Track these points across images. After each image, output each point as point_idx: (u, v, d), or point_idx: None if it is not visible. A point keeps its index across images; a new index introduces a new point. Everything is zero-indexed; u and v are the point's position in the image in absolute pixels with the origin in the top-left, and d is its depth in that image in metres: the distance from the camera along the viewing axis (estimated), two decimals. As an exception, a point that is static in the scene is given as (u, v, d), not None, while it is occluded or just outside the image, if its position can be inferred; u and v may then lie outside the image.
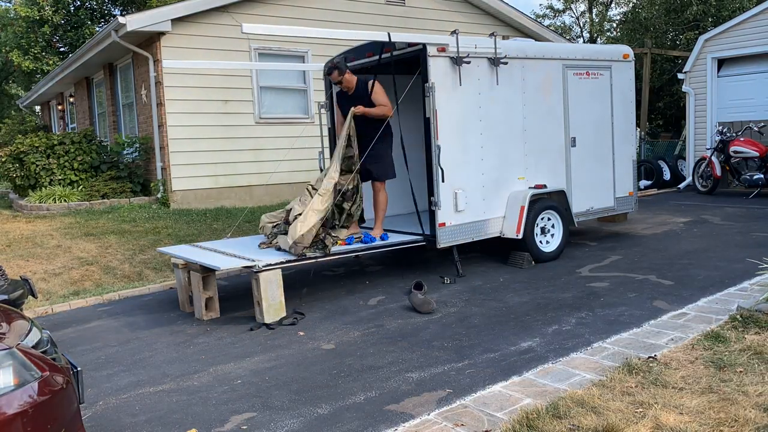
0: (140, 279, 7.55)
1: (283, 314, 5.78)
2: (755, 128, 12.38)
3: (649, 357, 4.22)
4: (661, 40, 19.20)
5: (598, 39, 25.49)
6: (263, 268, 5.66)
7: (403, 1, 13.88)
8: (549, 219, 7.59)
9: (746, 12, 13.36)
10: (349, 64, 7.14)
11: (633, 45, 17.61)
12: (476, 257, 7.86)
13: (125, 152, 13.36)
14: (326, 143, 8.17)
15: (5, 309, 3.37)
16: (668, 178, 14.56)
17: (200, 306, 5.98)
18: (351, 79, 6.84)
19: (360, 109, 6.68)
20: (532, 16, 21.03)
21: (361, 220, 7.21)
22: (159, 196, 11.89)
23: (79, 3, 21.96)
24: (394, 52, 6.99)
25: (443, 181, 6.70)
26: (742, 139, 12.19)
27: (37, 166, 12.46)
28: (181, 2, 11.28)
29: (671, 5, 19.14)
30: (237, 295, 6.71)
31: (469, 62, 6.81)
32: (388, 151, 7.00)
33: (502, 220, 7.29)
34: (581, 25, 28.63)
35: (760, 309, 4.84)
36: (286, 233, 6.32)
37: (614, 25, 25.10)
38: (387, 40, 6.27)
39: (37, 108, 26.71)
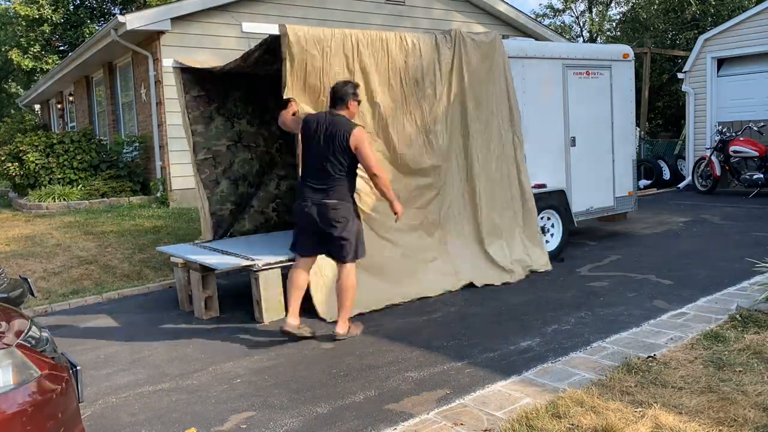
0: (140, 278, 7.55)
1: (283, 314, 5.77)
2: (755, 128, 12.38)
3: (649, 356, 4.22)
4: (660, 39, 19.19)
5: (598, 38, 25.47)
6: (262, 268, 5.65)
7: (404, 1, 13.87)
8: (548, 218, 7.58)
9: (746, 12, 13.36)
10: None
11: (633, 44, 17.59)
12: (476, 257, 7.84)
13: (125, 151, 13.35)
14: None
15: (5, 308, 3.36)
16: (668, 178, 14.56)
17: (200, 305, 5.98)
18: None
19: None
20: (532, 16, 21.02)
21: None
22: (158, 195, 11.89)
23: (78, 2, 21.94)
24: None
25: (443, 180, 6.68)
26: (741, 138, 12.19)
27: (37, 165, 12.46)
28: (181, 1, 11.28)
29: (670, 5, 19.13)
30: (237, 294, 6.70)
31: (468, 61, 6.80)
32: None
33: (502, 219, 7.27)
34: (581, 24, 28.62)
35: (759, 309, 4.84)
36: None
37: (614, 24, 25.08)
38: None
39: (37, 107, 26.69)
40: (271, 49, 5.80)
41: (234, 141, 7.32)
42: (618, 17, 25.47)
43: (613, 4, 26.77)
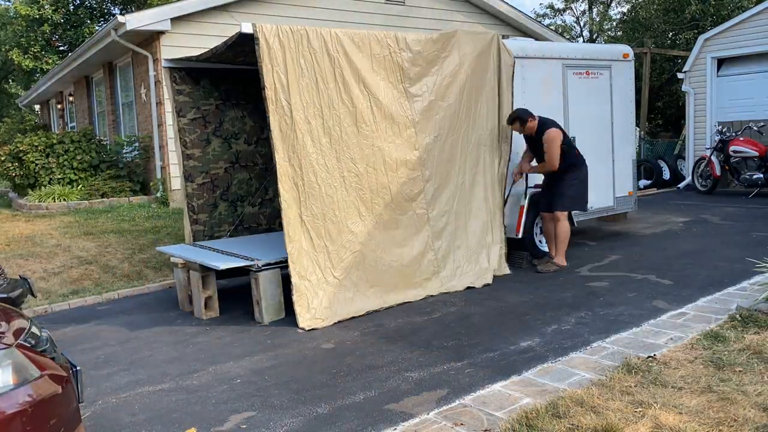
0: (140, 278, 7.55)
1: (283, 314, 5.78)
2: (755, 128, 12.38)
3: (649, 356, 4.22)
4: (660, 39, 19.18)
5: (598, 38, 25.48)
6: (262, 268, 5.65)
7: (403, 1, 13.87)
8: (548, 218, 7.57)
9: (746, 12, 13.37)
10: None
11: (633, 44, 17.59)
12: (476, 257, 7.84)
13: (125, 151, 13.36)
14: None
15: (4, 308, 3.37)
16: (668, 178, 14.56)
17: (200, 305, 5.98)
18: (532, 126, 6.91)
19: (522, 168, 7.20)
20: (533, 16, 21.04)
21: None
22: (158, 195, 11.89)
23: (78, 2, 21.94)
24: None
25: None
26: (741, 138, 12.18)
27: (37, 165, 12.46)
28: (181, 1, 11.28)
29: (670, 5, 19.11)
30: (237, 294, 6.71)
31: (468, 61, 6.79)
32: (569, 183, 6.99)
33: (502, 219, 7.27)
34: (581, 24, 28.65)
35: (759, 308, 4.84)
36: None
37: (614, 24, 25.08)
38: None
39: (37, 107, 26.69)
40: (239, 44, 5.75)
41: (231, 162, 7.32)
42: (618, 17, 25.49)
43: (613, 4, 26.80)
